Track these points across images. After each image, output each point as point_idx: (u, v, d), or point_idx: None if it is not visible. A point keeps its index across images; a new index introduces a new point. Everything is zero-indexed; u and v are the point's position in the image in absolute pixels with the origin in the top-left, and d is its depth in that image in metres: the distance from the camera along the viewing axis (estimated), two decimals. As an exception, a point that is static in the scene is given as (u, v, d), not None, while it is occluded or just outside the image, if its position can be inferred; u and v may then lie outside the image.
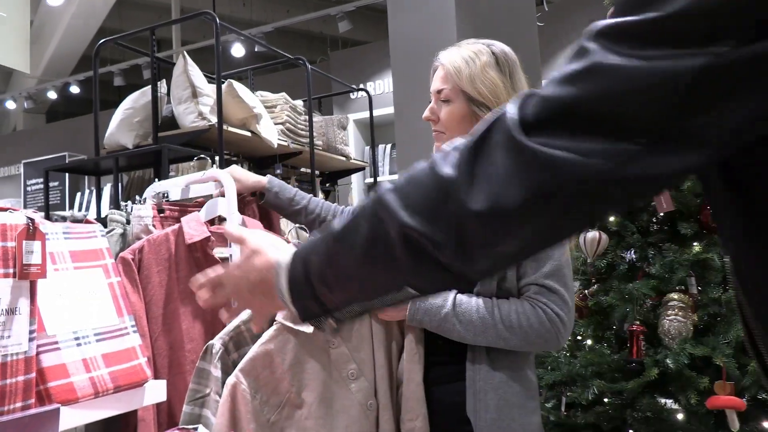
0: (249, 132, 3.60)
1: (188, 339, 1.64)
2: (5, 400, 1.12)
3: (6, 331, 1.12)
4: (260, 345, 1.39)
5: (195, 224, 1.68)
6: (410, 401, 1.48)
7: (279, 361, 1.38)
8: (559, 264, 1.50)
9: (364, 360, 1.47)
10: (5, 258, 1.13)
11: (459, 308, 1.47)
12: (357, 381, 1.45)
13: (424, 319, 1.48)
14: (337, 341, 1.44)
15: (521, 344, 1.47)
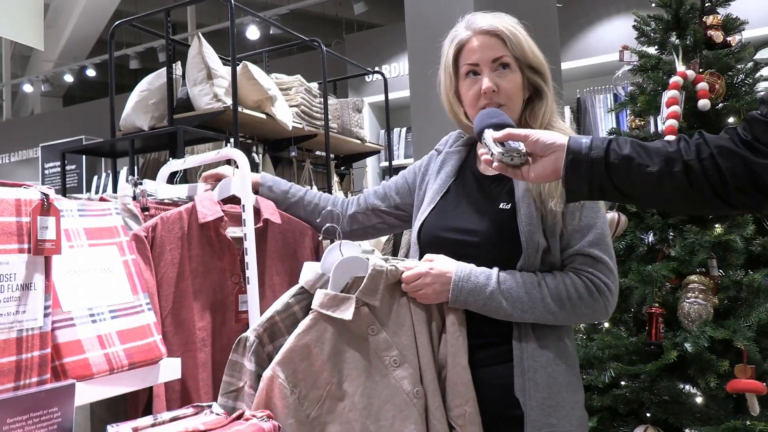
0: (264, 114, 3.59)
1: (198, 317, 1.63)
2: (21, 374, 1.12)
3: (21, 306, 1.12)
4: (297, 336, 1.34)
5: (208, 203, 1.67)
6: (458, 386, 1.41)
7: (317, 352, 1.33)
8: (603, 232, 1.45)
9: (405, 346, 1.41)
10: (20, 233, 1.12)
11: (504, 285, 1.41)
12: (400, 368, 1.39)
13: (468, 300, 1.42)
14: (376, 327, 1.39)
15: (570, 317, 1.43)
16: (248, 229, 1.66)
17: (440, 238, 1.56)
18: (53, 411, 1.14)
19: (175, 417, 1.36)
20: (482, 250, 1.48)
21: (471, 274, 1.43)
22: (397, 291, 1.44)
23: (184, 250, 1.63)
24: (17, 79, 8.55)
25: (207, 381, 1.62)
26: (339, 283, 1.37)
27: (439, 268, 1.44)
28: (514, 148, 1.28)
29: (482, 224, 1.50)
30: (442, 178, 1.63)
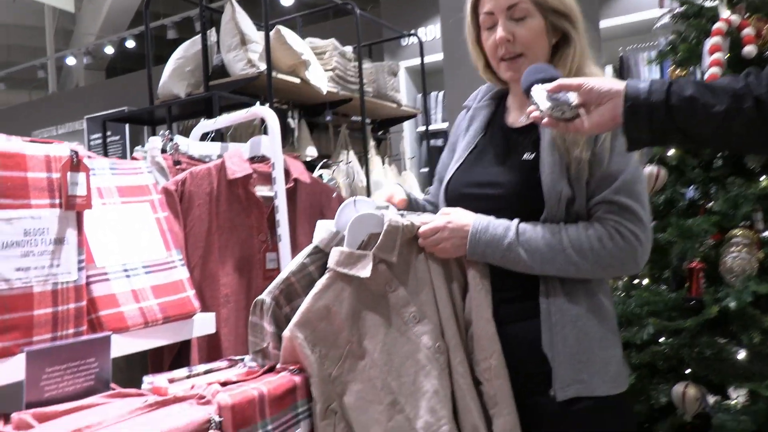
0: (298, 78, 3.58)
1: (223, 273, 1.66)
2: (58, 326, 1.16)
3: (55, 260, 1.15)
4: (314, 296, 1.32)
5: (237, 160, 1.68)
6: (482, 340, 1.38)
7: (336, 311, 1.32)
8: (632, 179, 1.38)
9: (424, 302, 1.39)
10: (51, 189, 1.15)
11: (523, 236, 1.37)
12: (419, 324, 1.37)
13: (486, 252, 1.39)
14: (394, 284, 1.37)
15: (594, 269, 1.37)
16: (279, 187, 1.67)
17: (465, 195, 1.53)
18: (90, 362, 1.18)
19: (210, 369, 1.39)
20: (506, 203, 1.45)
21: (489, 226, 1.40)
22: (414, 246, 1.42)
23: (212, 206, 1.64)
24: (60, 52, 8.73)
25: (229, 336, 1.65)
26: (355, 241, 1.35)
27: (456, 221, 1.40)
28: (564, 101, 1.23)
29: (505, 176, 1.46)
30: (470, 134, 1.60)
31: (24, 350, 1.08)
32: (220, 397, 1.14)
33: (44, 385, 1.10)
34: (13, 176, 1.09)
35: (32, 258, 1.11)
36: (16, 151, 1.10)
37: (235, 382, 1.25)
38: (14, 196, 1.09)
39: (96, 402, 1.14)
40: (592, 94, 1.21)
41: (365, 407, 1.31)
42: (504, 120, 1.58)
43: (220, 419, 1.11)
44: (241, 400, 1.15)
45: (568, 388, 1.36)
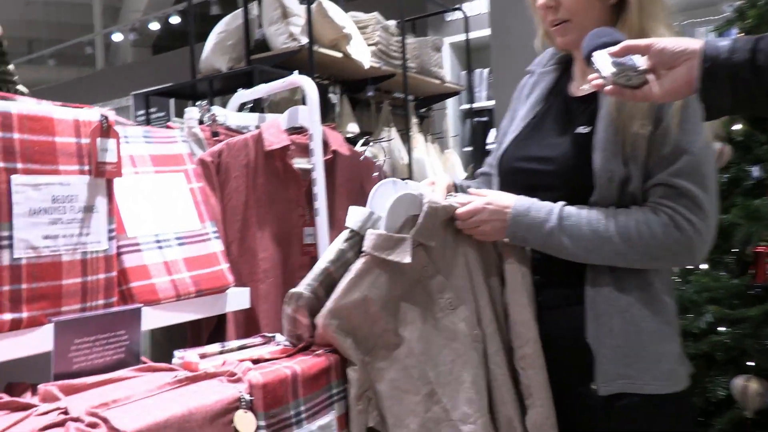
0: (340, 53, 3.52)
1: (261, 248, 1.60)
2: (87, 296, 1.12)
3: (84, 229, 1.11)
4: (348, 282, 1.24)
5: (275, 131, 1.62)
6: (517, 326, 1.31)
7: (371, 299, 1.23)
8: (697, 159, 1.24)
9: (461, 288, 1.31)
10: (80, 155, 1.11)
11: (566, 222, 1.27)
12: (457, 311, 1.29)
13: (526, 237, 1.30)
14: (430, 269, 1.29)
15: (643, 260, 1.25)
16: (317, 159, 1.61)
17: (517, 169, 1.43)
18: (120, 334, 1.14)
19: (243, 346, 1.34)
20: (556, 180, 1.34)
21: (530, 209, 1.29)
22: (450, 228, 1.33)
23: (249, 179, 1.59)
24: (107, 28, 8.85)
25: (268, 313, 1.60)
26: (394, 223, 1.25)
27: (496, 202, 1.31)
28: (630, 66, 1.09)
29: (558, 151, 1.35)
30: (530, 102, 1.48)
31: (52, 320, 1.04)
32: (251, 375, 1.09)
33: (73, 356, 1.07)
34: (40, 140, 1.04)
35: (61, 226, 1.07)
36: (43, 115, 1.05)
37: (268, 360, 1.19)
38: (42, 161, 1.05)
39: (125, 375, 1.11)
40: (663, 55, 1.07)
41: (400, 397, 1.24)
42: (567, 88, 1.46)
43: (250, 398, 1.06)
44: (272, 379, 1.10)
45: (612, 383, 1.26)
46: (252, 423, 1.05)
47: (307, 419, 1.15)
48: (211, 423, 1.00)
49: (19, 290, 1.02)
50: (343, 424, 1.24)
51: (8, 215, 1.00)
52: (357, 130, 3.95)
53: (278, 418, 1.09)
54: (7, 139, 1.00)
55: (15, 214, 1.01)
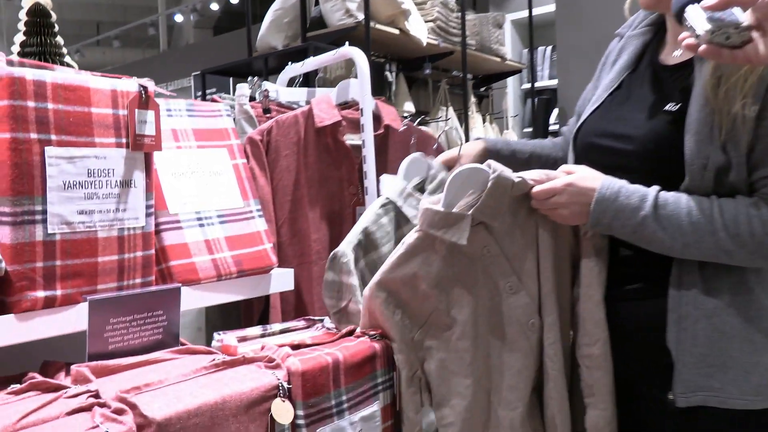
0: (397, 29, 3.42)
1: (314, 228, 1.53)
2: (124, 274, 1.08)
3: (121, 204, 1.07)
4: (399, 257, 1.16)
5: (326, 107, 1.54)
6: (587, 323, 1.20)
7: (422, 276, 1.15)
8: None
9: (526, 271, 1.20)
10: (117, 127, 1.06)
11: (663, 210, 1.09)
12: (516, 295, 1.19)
13: (613, 224, 1.13)
14: (492, 248, 1.18)
15: (752, 259, 1.09)
16: (367, 135, 1.53)
17: (594, 146, 1.28)
18: (158, 314, 1.10)
19: (286, 329, 1.29)
20: (637, 163, 1.19)
21: (620, 193, 1.13)
22: (524, 207, 1.21)
23: (299, 157, 1.52)
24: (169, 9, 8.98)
25: (321, 296, 1.53)
26: (454, 199, 1.15)
27: (579, 183, 1.15)
28: (730, 22, 0.93)
29: (641, 129, 1.19)
30: (616, 69, 1.33)
31: (87, 299, 1.00)
32: (290, 361, 1.03)
33: (108, 336, 1.03)
34: (76, 111, 1.00)
35: (96, 201, 1.03)
36: (79, 84, 1.01)
37: (309, 345, 1.13)
38: (77, 132, 1.00)
39: (162, 357, 1.07)
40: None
41: (448, 378, 1.18)
42: (658, 54, 1.28)
43: (288, 386, 1.00)
44: (312, 367, 1.03)
45: (692, 394, 1.12)
46: (290, 412, 0.99)
47: (350, 410, 1.09)
48: (246, 412, 0.94)
49: (53, 267, 0.98)
50: (388, 414, 1.17)
51: (42, 189, 0.96)
52: (413, 110, 3.86)
53: (318, 408, 1.03)
54: (41, 109, 0.96)
55: (49, 187, 0.97)
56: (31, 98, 0.94)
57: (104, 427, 0.78)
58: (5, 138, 0.93)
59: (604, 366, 1.20)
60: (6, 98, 0.93)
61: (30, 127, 0.94)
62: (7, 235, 0.94)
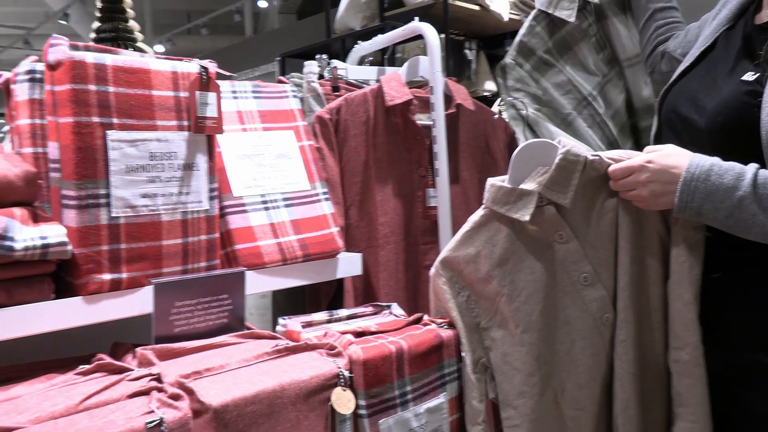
0: (477, 6, 3.31)
1: (382, 212, 1.49)
2: (189, 258, 1.08)
3: (184, 188, 1.06)
4: (464, 234, 1.11)
5: (396, 84, 1.49)
6: (676, 325, 1.09)
7: (485, 255, 1.09)
8: None
9: (602, 261, 1.11)
10: (178, 109, 1.05)
11: (764, 189, 0.97)
12: (591, 287, 1.10)
13: (703, 208, 1.00)
14: (565, 234, 1.09)
15: None
16: (438, 114, 1.46)
17: (674, 114, 1.17)
18: (223, 298, 1.09)
19: (353, 315, 1.26)
20: (706, 139, 1.07)
21: (711, 172, 1.00)
22: (603, 190, 1.11)
23: (368, 137, 1.48)
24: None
25: (388, 281, 1.49)
26: (520, 174, 1.07)
27: (662, 161, 1.03)
28: None
29: (715, 100, 1.07)
30: (712, 27, 1.20)
31: (152, 282, 1.01)
32: (351, 349, 1.00)
33: (174, 319, 1.03)
34: (137, 94, 1.00)
35: (159, 184, 1.03)
36: (139, 66, 1.00)
37: (374, 333, 1.10)
38: (139, 115, 1.00)
39: (226, 341, 1.06)
40: None
41: (511, 375, 1.11)
42: (755, 14, 1.15)
43: (350, 375, 0.97)
44: (374, 355, 1.00)
45: None
46: (351, 402, 0.96)
47: (414, 401, 1.04)
48: (306, 400, 0.92)
49: (119, 250, 0.99)
50: (455, 407, 1.12)
51: (105, 172, 0.97)
52: (495, 89, 3.74)
53: (380, 399, 1.00)
54: (102, 92, 0.96)
55: (111, 171, 0.97)
56: (93, 82, 0.95)
57: (160, 412, 0.78)
58: (68, 122, 0.94)
59: (696, 373, 1.08)
60: (68, 82, 0.93)
61: (92, 111, 0.95)
62: (72, 219, 0.95)
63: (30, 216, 0.92)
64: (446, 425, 1.09)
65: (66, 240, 0.92)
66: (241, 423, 0.84)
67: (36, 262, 0.90)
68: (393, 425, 1.00)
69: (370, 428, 0.98)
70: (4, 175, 0.89)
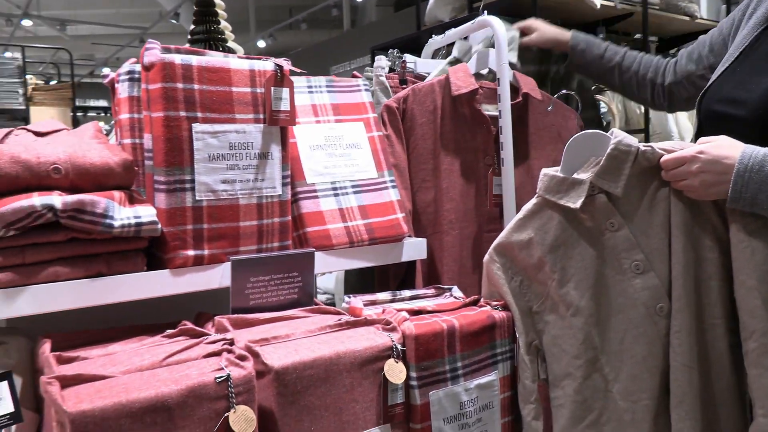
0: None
1: (447, 198, 1.55)
2: (263, 238, 1.19)
3: (260, 175, 1.17)
4: (517, 221, 1.17)
5: (462, 75, 1.54)
6: (742, 313, 1.08)
7: (537, 241, 1.14)
8: None
9: (655, 249, 1.12)
10: (255, 104, 1.16)
11: None
12: (643, 275, 1.12)
13: (758, 197, 1.01)
14: (617, 222, 1.12)
15: None
16: (504, 105, 1.51)
17: (712, 113, 1.18)
18: (294, 275, 1.20)
19: (415, 296, 1.34)
20: (747, 130, 1.07)
21: (765, 162, 1.01)
22: (656, 180, 1.12)
23: (435, 125, 1.54)
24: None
25: (452, 266, 1.56)
26: (572, 164, 1.12)
27: (714, 152, 1.04)
28: None
29: (754, 93, 1.08)
30: (750, 26, 1.21)
31: (230, 258, 1.13)
32: (405, 325, 1.08)
33: (249, 293, 1.15)
34: (218, 90, 1.12)
35: (237, 171, 1.14)
36: (221, 66, 1.12)
37: (429, 312, 1.17)
38: (220, 110, 1.12)
39: (295, 315, 1.17)
40: None
41: (559, 356, 1.15)
42: None
43: (402, 348, 1.05)
44: (426, 331, 1.07)
45: None
46: (402, 373, 1.04)
47: (465, 376, 1.11)
48: (360, 369, 1.01)
49: (201, 229, 1.11)
50: (507, 385, 1.17)
51: (190, 160, 1.09)
52: (585, 78, 3.67)
53: (431, 372, 1.07)
54: (188, 89, 1.08)
55: (196, 159, 1.10)
56: (180, 80, 1.07)
57: (227, 370, 0.89)
58: (159, 116, 1.07)
59: (764, 363, 1.06)
60: (159, 81, 1.06)
61: (179, 106, 1.08)
62: (162, 201, 1.08)
63: (127, 198, 1.06)
64: (497, 401, 1.15)
65: (156, 220, 1.06)
66: (299, 384, 0.94)
67: (131, 238, 1.04)
68: (443, 397, 1.07)
69: (420, 398, 1.05)
70: (106, 163, 1.04)
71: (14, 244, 0.95)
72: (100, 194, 1.00)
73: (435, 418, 1.07)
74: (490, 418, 1.14)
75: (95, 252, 1.01)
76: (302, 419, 0.94)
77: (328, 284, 2.96)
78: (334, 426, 0.97)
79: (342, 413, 0.98)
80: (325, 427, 0.96)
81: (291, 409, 0.93)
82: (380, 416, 1.02)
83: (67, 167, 1.00)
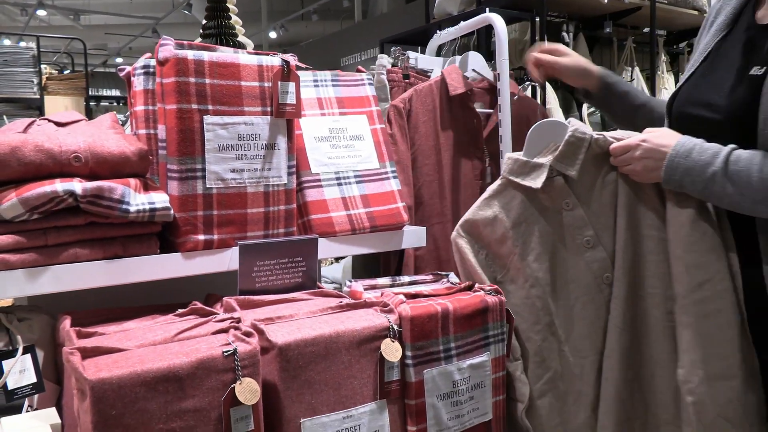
0: (575, -14, 3.30)
1: (449, 190, 1.63)
2: (269, 225, 1.26)
3: (267, 164, 1.24)
4: (483, 200, 1.29)
5: (456, 76, 1.61)
6: (672, 280, 1.23)
7: (502, 218, 1.27)
8: None
9: (603, 226, 1.27)
10: (263, 97, 1.23)
11: (735, 166, 1.11)
12: (593, 250, 1.27)
13: (684, 181, 1.17)
14: (572, 202, 1.26)
15: None
16: (503, 99, 1.57)
17: (684, 115, 1.27)
18: (298, 260, 1.27)
19: (413, 281, 1.40)
20: (721, 131, 1.16)
21: (693, 150, 1.15)
22: (606, 165, 1.27)
23: (435, 123, 1.62)
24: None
25: (434, 253, 1.63)
26: (533, 149, 1.26)
27: (654, 140, 1.19)
28: None
29: (727, 97, 1.16)
30: (711, 33, 1.28)
31: (238, 243, 1.20)
32: (402, 307, 1.14)
33: (255, 276, 1.22)
34: (228, 84, 1.18)
35: (246, 161, 1.21)
36: (231, 61, 1.19)
37: (426, 296, 1.23)
38: (229, 103, 1.19)
39: (299, 297, 1.23)
40: None
41: (519, 322, 1.28)
42: (755, 13, 1.22)
43: (398, 328, 1.12)
44: (421, 313, 1.13)
45: None
46: (398, 352, 1.10)
47: (458, 356, 1.17)
48: (358, 347, 1.07)
49: (211, 215, 1.18)
50: (500, 366, 1.24)
51: (201, 150, 1.16)
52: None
53: (425, 351, 1.13)
54: (200, 83, 1.15)
55: (207, 149, 1.16)
56: (192, 75, 1.14)
57: (234, 345, 0.96)
58: (173, 109, 1.14)
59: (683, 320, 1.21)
60: (173, 76, 1.13)
61: (192, 99, 1.14)
62: (175, 188, 1.15)
63: (142, 185, 1.13)
64: (488, 381, 1.21)
65: (169, 206, 1.13)
66: (301, 360, 1.01)
67: (145, 223, 1.11)
68: (436, 375, 1.14)
69: (414, 376, 1.12)
70: (122, 152, 1.11)
71: (38, 227, 1.02)
72: (117, 181, 1.07)
73: (429, 395, 1.13)
74: (482, 396, 1.20)
75: (112, 235, 1.09)
76: (303, 393, 1.01)
77: (336, 274, 3.04)
78: (333, 400, 1.04)
79: (341, 388, 1.05)
80: (324, 401, 1.03)
81: (293, 383, 1.00)
82: (377, 392, 1.08)
83: (86, 156, 1.07)
